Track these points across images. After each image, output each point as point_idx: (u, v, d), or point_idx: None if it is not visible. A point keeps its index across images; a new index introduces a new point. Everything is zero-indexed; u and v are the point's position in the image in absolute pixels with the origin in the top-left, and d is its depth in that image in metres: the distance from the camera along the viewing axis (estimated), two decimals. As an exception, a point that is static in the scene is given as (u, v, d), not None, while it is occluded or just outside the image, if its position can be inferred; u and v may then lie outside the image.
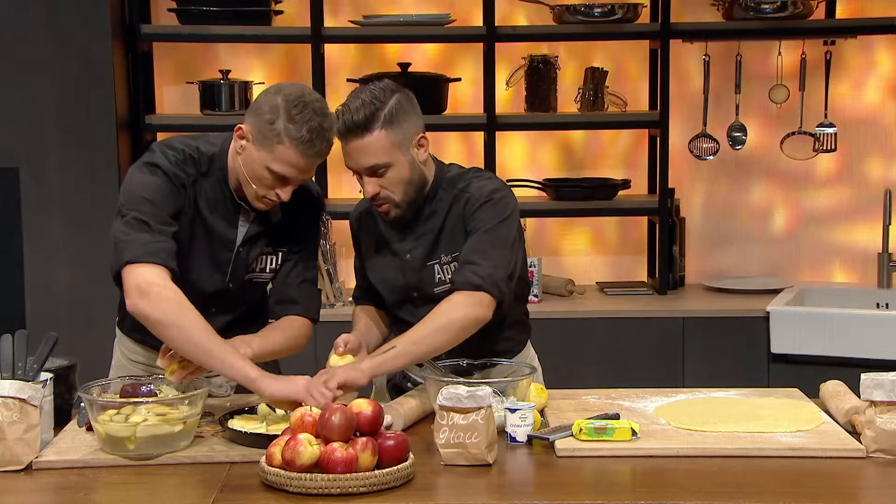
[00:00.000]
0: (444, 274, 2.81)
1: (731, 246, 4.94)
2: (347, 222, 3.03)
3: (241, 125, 2.63)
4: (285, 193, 2.63)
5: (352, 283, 4.38)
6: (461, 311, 2.66)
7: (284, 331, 2.81)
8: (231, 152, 2.69)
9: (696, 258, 4.92)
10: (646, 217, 4.88)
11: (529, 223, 4.74)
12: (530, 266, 4.46)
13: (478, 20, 4.67)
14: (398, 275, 2.86)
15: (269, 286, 2.90)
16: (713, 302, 4.56)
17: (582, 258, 4.95)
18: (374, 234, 2.90)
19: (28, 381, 2.45)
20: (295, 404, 2.46)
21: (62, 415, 2.63)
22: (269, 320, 2.92)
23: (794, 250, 4.94)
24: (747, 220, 4.94)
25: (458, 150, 4.84)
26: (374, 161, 2.69)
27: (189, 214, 2.69)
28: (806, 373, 4.16)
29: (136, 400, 2.48)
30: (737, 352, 4.38)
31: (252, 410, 2.61)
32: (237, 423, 2.52)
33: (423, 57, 4.78)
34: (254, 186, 2.64)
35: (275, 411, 2.60)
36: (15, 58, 4.33)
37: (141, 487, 2.28)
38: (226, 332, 2.81)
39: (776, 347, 4.33)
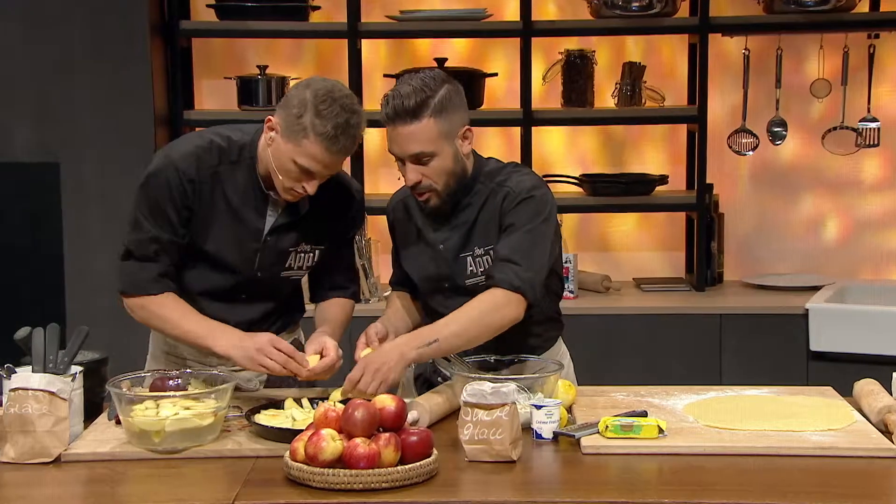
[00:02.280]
0: (475, 266, 2.81)
1: (771, 242, 4.89)
2: (384, 217, 3.05)
3: (272, 116, 2.66)
4: (311, 187, 2.66)
5: (387, 278, 4.39)
6: (501, 311, 2.69)
7: (343, 309, 2.93)
8: (262, 142, 2.71)
9: (735, 254, 4.87)
10: (684, 213, 4.84)
11: (566, 219, 4.72)
12: (566, 262, 4.45)
13: (511, 14, 4.66)
14: (431, 265, 2.86)
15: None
16: (751, 299, 4.52)
17: (619, 254, 4.92)
18: (410, 223, 2.91)
19: (58, 375, 2.48)
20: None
21: (93, 408, 2.65)
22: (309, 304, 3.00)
23: (834, 246, 4.88)
24: (787, 216, 4.89)
25: (497, 144, 4.82)
26: (419, 149, 2.70)
27: (212, 203, 2.72)
28: (845, 371, 4.09)
29: (162, 394, 2.49)
30: (775, 349, 4.34)
31: (279, 405, 2.61)
32: (263, 418, 2.53)
33: (454, 52, 4.76)
34: (281, 178, 2.66)
35: (301, 406, 2.61)
36: (55, 55, 4.38)
37: (166, 481, 2.30)
38: (263, 321, 2.87)
39: (815, 345, 4.28)
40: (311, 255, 2.84)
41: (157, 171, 2.71)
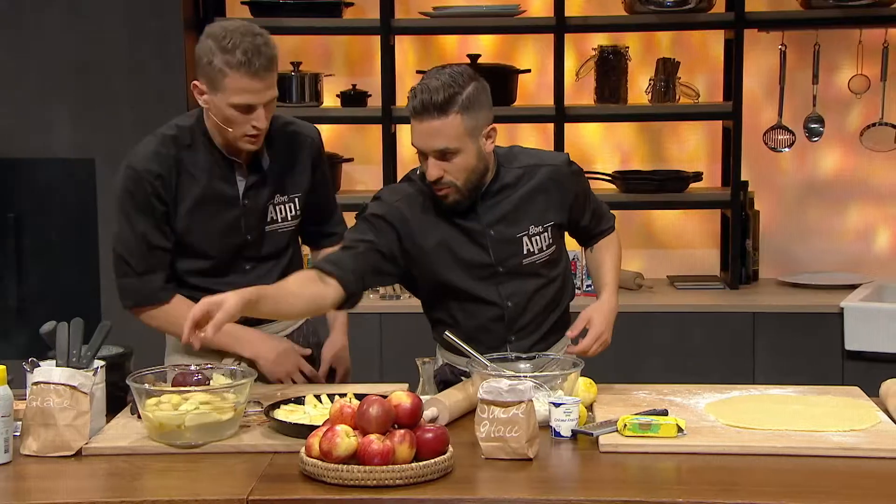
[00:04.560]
0: (532, 245, 2.83)
1: (808, 240, 4.84)
2: None
3: (196, 83, 2.75)
4: (259, 120, 2.72)
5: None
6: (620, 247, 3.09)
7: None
8: (206, 118, 2.80)
9: (771, 252, 4.82)
10: (719, 210, 4.79)
11: (600, 215, 4.69)
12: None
13: (537, 9, 4.65)
14: (479, 253, 2.82)
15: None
16: (786, 297, 4.48)
17: (654, 251, 4.89)
18: (432, 222, 2.82)
19: (81, 369, 2.50)
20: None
21: (116, 402, 2.66)
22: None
23: (872, 245, 4.82)
24: (824, 214, 4.83)
25: (531, 140, 4.79)
26: (444, 144, 2.69)
27: (185, 190, 2.81)
28: (882, 371, 3.99)
29: (182, 388, 2.50)
30: (809, 349, 4.29)
31: (299, 401, 2.62)
32: (282, 413, 2.54)
33: (483, 48, 4.74)
34: (230, 130, 2.73)
35: (321, 402, 2.61)
36: (91, 51, 4.43)
37: (183, 475, 2.31)
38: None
39: (850, 344, 4.23)
40: (291, 205, 2.94)
41: (124, 181, 2.82)
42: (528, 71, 4.66)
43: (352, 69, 4.82)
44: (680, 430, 2.42)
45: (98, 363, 2.58)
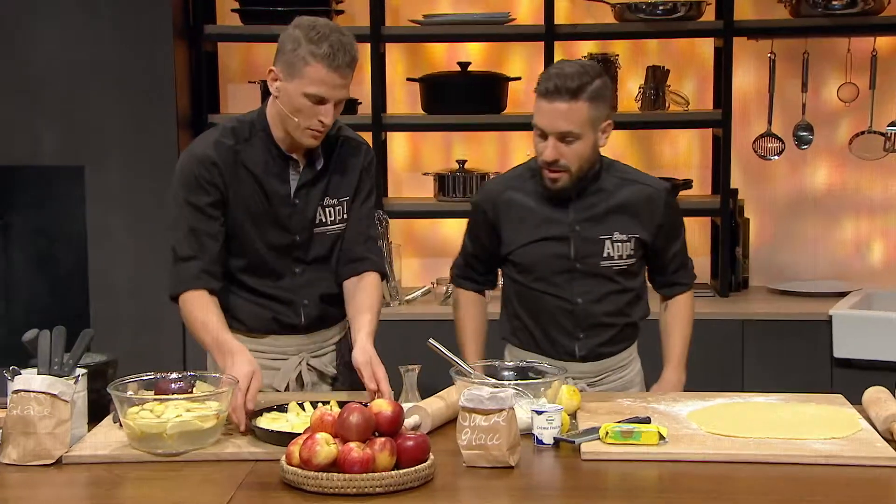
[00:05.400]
0: (613, 251, 2.96)
1: (797, 248, 4.84)
2: (407, 222, 3.10)
3: (272, 69, 2.79)
4: (327, 116, 2.76)
5: (408, 283, 4.32)
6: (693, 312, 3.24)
7: (373, 288, 2.96)
8: (269, 109, 2.85)
9: (760, 260, 4.82)
10: (709, 218, 4.79)
11: (589, 223, 4.69)
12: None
13: (524, 16, 4.65)
14: (560, 245, 2.96)
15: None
16: (775, 305, 4.47)
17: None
18: (523, 208, 3.00)
19: (62, 377, 2.49)
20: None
21: (99, 410, 2.66)
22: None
23: (862, 253, 4.82)
24: (814, 222, 4.83)
25: (522, 148, 4.79)
26: (568, 128, 2.83)
27: (239, 181, 2.84)
28: (870, 378, 3.97)
29: (163, 396, 2.50)
30: (798, 356, 4.28)
31: (282, 408, 2.62)
32: (263, 422, 2.53)
33: (471, 55, 4.74)
34: (297, 120, 2.76)
35: (304, 410, 2.61)
36: (80, 58, 4.43)
37: (163, 483, 2.31)
38: (329, 301, 2.97)
39: (839, 352, 4.22)
40: (340, 207, 2.94)
41: (180, 165, 2.87)
42: (519, 79, 4.66)
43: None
44: (662, 437, 2.41)
45: (80, 371, 2.57)
